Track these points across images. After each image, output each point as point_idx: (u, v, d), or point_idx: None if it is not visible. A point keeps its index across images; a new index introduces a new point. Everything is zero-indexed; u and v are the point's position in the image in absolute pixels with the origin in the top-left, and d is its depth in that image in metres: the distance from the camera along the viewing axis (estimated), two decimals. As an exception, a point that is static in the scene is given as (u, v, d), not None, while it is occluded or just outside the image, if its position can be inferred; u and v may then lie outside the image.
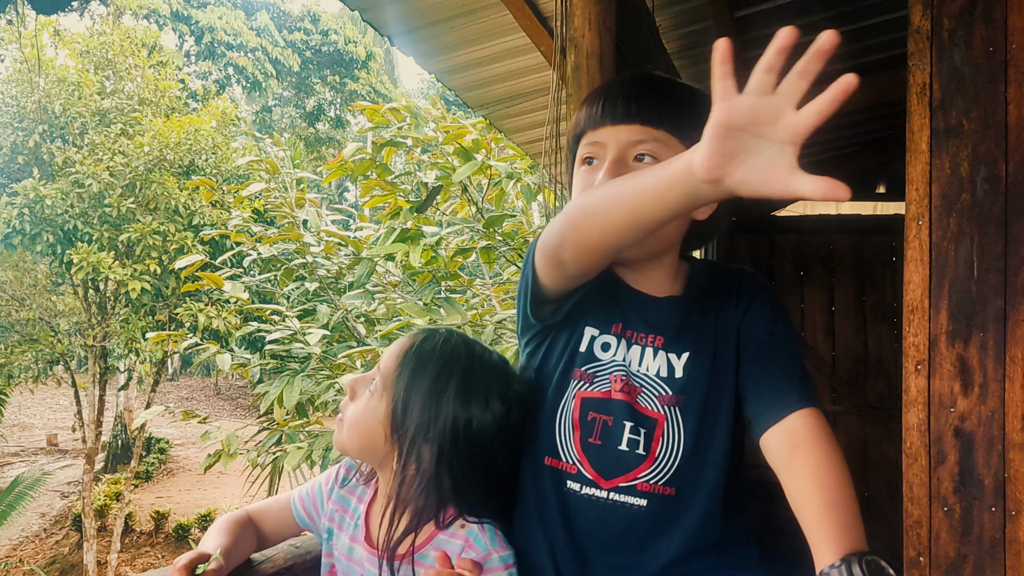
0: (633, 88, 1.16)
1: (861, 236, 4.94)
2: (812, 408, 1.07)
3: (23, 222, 9.53)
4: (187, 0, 21.47)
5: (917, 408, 1.46)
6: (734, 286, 1.21)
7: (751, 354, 1.16)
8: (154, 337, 4.95)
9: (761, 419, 1.10)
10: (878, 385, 4.77)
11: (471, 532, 1.18)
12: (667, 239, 1.17)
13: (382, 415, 1.18)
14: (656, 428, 1.15)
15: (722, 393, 1.17)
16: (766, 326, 1.17)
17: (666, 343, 1.19)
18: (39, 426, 20.30)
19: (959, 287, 1.44)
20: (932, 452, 1.45)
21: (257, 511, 1.39)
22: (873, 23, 3.08)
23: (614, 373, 1.18)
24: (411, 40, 3.14)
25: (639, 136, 1.12)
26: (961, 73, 1.46)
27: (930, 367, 1.46)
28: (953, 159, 1.45)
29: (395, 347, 1.23)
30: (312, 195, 5.07)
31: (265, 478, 5.94)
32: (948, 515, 1.44)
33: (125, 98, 11.03)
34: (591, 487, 1.16)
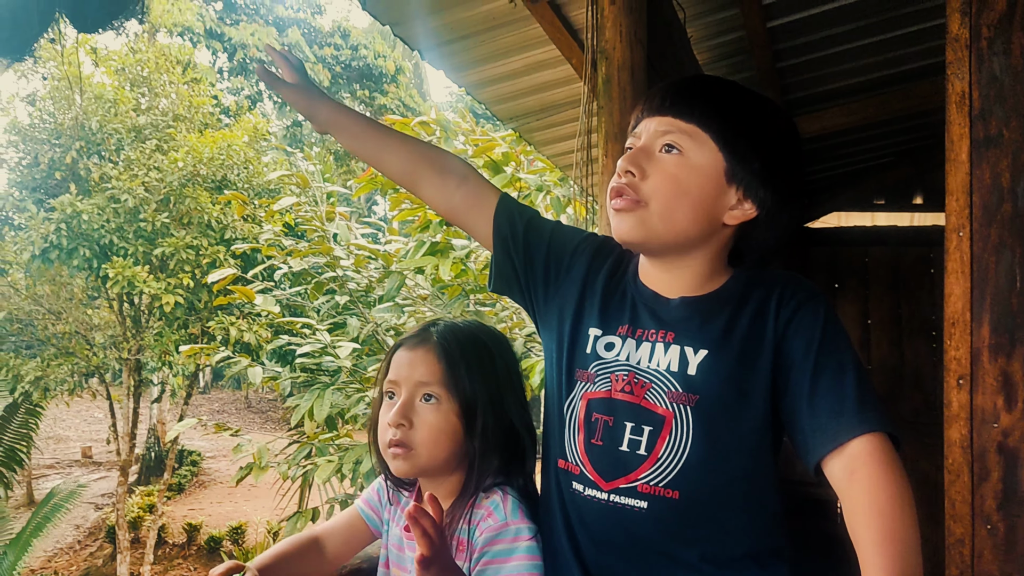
0: (675, 84, 1.18)
1: (897, 248, 4.88)
2: (874, 433, 1.01)
3: (60, 237, 9.69)
4: (220, 18, 21.82)
5: (959, 424, 1.43)
6: (775, 291, 1.15)
7: (798, 368, 1.09)
8: (187, 350, 5.00)
9: (815, 444, 1.05)
10: (915, 400, 4.70)
11: (493, 502, 1.21)
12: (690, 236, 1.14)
13: (455, 417, 1.24)
14: (663, 427, 1.11)
15: (745, 399, 1.10)
16: (813, 337, 1.09)
17: (678, 337, 1.15)
18: (74, 438, 20.59)
19: (1001, 300, 1.41)
20: (975, 469, 1.42)
21: (322, 529, 1.44)
22: (909, 32, 3.04)
23: (615, 372, 1.17)
24: (441, 54, 3.16)
25: (667, 127, 1.13)
26: (1000, 82, 1.43)
27: (972, 381, 1.43)
28: (993, 169, 1.43)
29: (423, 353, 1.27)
30: (342, 209, 5.11)
31: (295, 491, 5.96)
32: (991, 533, 1.40)
33: (160, 114, 11.21)
34: (593, 488, 1.14)
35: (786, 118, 1.20)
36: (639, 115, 1.19)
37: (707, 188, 1.12)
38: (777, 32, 2.99)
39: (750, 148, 1.12)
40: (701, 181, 1.12)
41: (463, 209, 1.36)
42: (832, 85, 3.60)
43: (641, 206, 1.13)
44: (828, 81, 3.56)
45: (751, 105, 1.16)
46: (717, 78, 1.21)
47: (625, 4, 2.01)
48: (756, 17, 2.77)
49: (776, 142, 1.15)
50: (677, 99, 1.14)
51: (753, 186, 1.13)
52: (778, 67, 3.29)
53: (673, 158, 1.13)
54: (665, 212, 1.12)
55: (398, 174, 1.39)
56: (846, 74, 3.47)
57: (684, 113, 1.13)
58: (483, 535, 1.18)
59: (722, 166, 1.12)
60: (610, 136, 2.00)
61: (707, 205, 1.13)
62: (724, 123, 1.12)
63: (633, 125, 1.21)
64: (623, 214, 1.14)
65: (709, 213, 1.13)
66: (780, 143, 1.16)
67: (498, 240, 1.32)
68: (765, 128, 1.15)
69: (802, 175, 1.20)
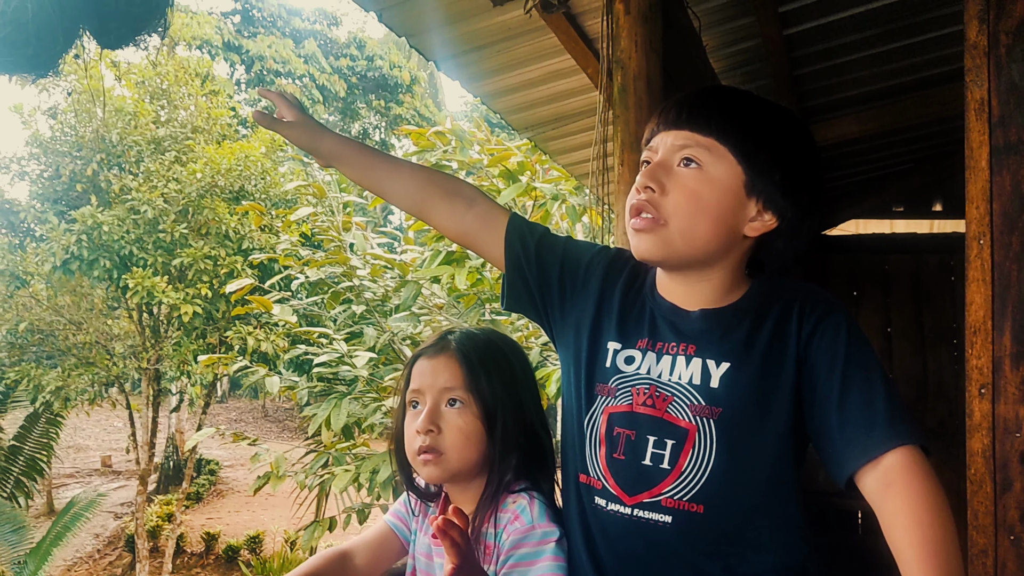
0: (691, 97, 1.17)
1: (917, 255, 4.84)
2: (907, 446, 1.01)
3: (81, 248, 9.78)
4: (238, 30, 22.03)
5: (981, 433, 1.42)
6: (795, 304, 1.14)
7: (824, 382, 1.08)
8: (205, 360, 5.03)
9: (847, 458, 1.04)
10: (938, 409, 4.65)
11: (520, 506, 1.23)
12: (710, 251, 1.13)
13: (478, 420, 1.27)
14: (686, 440, 1.10)
15: (768, 411, 1.10)
16: (838, 350, 1.08)
17: (699, 350, 1.14)
18: (94, 447, 20.73)
19: (1023, 308, 1.39)
20: (997, 479, 1.40)
21: (352, 544, 1.45)
22: (927, 38, 3.02)
23: (636, 386, 1.16)
24: (457, 64, 3.17)
25: (684, 141, 1.12)
26: (1020, 88, 1.42)
27: (994, 391, 1.41)
28: (1014, 176, 1.42)
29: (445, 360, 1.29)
30: (358, 218, 5.13)
31: (312, 500, 5.97)
32: (1015, 544, 1.39)
33: (179, 126, 11.31)
34: (616, 503, 1.13)
35: (804, 128, 1.19)
36: (654, 128, 1.18)
37: (727, 202, 1.11)
38: (793, 40, 2.98)
39: (770, 160, 1.11)
40: (720, 195, 1.11)
41: (474, 231, 1.35)
42: (849, 92, 3.59)
43: (661, 225, 1.12)
44: (845, 88, 3.54)
45: (769, 116, 1.16)
46: (733, 88, 1.21)
47: (640, 13, 2.01)
48: (772, 25, 2.76)
49: (796, 153, 1.15)
50: (694, 112, 1.13)
51: (774, 198, 1.12)
52: (794, 75, 3.28)
53: (692, 172, 1.12)
54: (686, 229, 1.11)
55: (406, 203, 1.38)
56: (863, 81, 3.45)
57: (702, 126, 1.12)
58: (510, 538, 1.20)
59: (741, 179, 1.11)
60: (626, 145, 2.00)
61: (727, 219, 1.12)
62: (743, 135, 1.11)
63: (648, 138, 1.20)
64: (643, 234, 1.14)
65: (729, 226, 1.13)
66: (800, 154, 1.15)
67: (510, 259, 1.32)
68: (784, 139, 1.14)
69: (821, 185, 1.19)
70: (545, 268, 1.31)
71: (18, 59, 1.38)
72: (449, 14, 2.77)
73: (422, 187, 1.36)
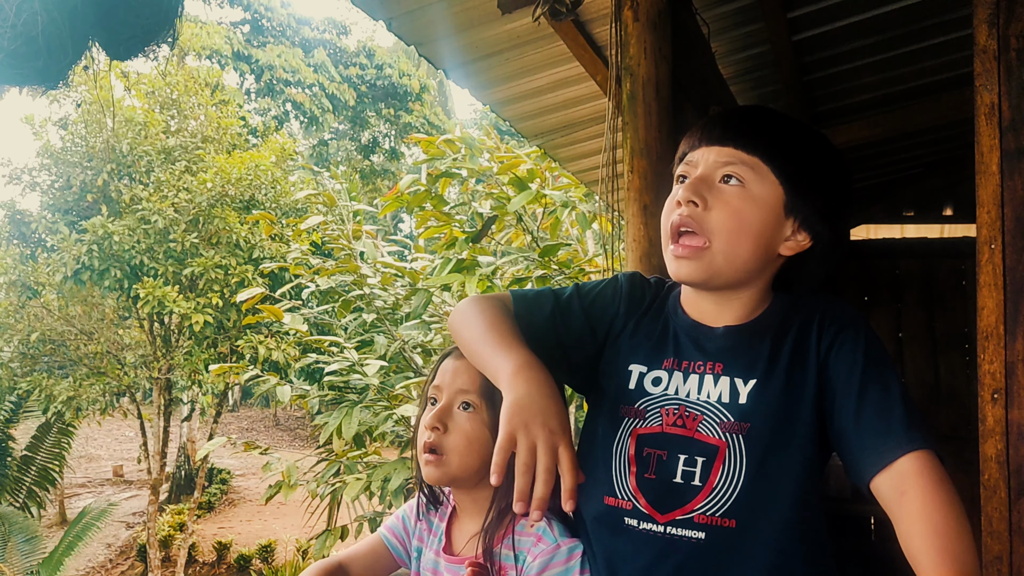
0: (736, 114, 1.19)
1: (928, 260, 4.82)
2: (921, 451, 1.01)
3: (92, 258, 9.83)
4: (248, 40, 22.13)
5: (995, 438, 1.41)
6: (815, 317, 1.16)
7: (842, 391, 1.09)
8: (216, 369, 5.04)
9: (864, 464, 1.05)
10: (951, 414, 4.62)
11: (539, 528, 1.23)
12: (749, 270, 1.15)
13: (488, 428, 1.26)
14: (716, 457, 1.11)
15: (795, 424, 1.11)
16: (856, 360, 1.10)
17: (727, 368, 1.16)
18: (105, 457, 20.80)
19: (1036, 312, 1.39)
20: (1012, 484, 1.40)
21: (346, 556, 1.46)
22: (937, 43, 3.02)
23: (665, 407, 1.17)
24: (466, 72, 3.18)
25: (728, 158, 1.13)
26: (1032, 92, 1.42)
27: (1007, 396, 1.40)
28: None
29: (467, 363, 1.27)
30: (368, 227, 5.14)
31: (324, 509, 5.98)
32: (1031, 551, 1.38)
33: (189, 136, 11.37)
34: (648, 522, 1.13)
35: (842, 156, 1.21)
36: (694, 143, 1.18)
37: (767, 220, 1.12)
38: (803, 45, 2.98)
39: (812, 184, 1.13)
40: (762, 214, 1.12)
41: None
42: (859, 97, 3.58)
43: (704, 249, 1.12)
44: (855, 93, 3.54)
45: (811, 141, 1.17)
46: (774, 110, 1.21)
47: (649, 20, 2.02)
48: (781, 31, 2.76)
49: (834, 179, 1.17)
50: (740, 130, 1.14)
51: (811, 220, 1.14)
52: (804, 80, 3.28)
53: (734, 189, 1.12)
54: (729, 250, 1.12)
55: None
56: (873, 86, 3.45)
57: (748, 145, 1.13)
58: (536, 560, 1.21)
59: (782, 198, 1.13)
60: (635, 152, 2.00)
61: (766, 238, 1.13)
62: (787, 157, 1.13)
63: (685, 152, 1.20)
64: (684, 260, 1.14)
65: (767, 245, 1.14)
66: (838, 180, 1.18)
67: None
68: (826, 164, 1.16)
69: (852, 211, 1.23)
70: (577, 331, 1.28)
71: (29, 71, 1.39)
72: (458, 22, 2.78)
73: None
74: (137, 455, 14.99)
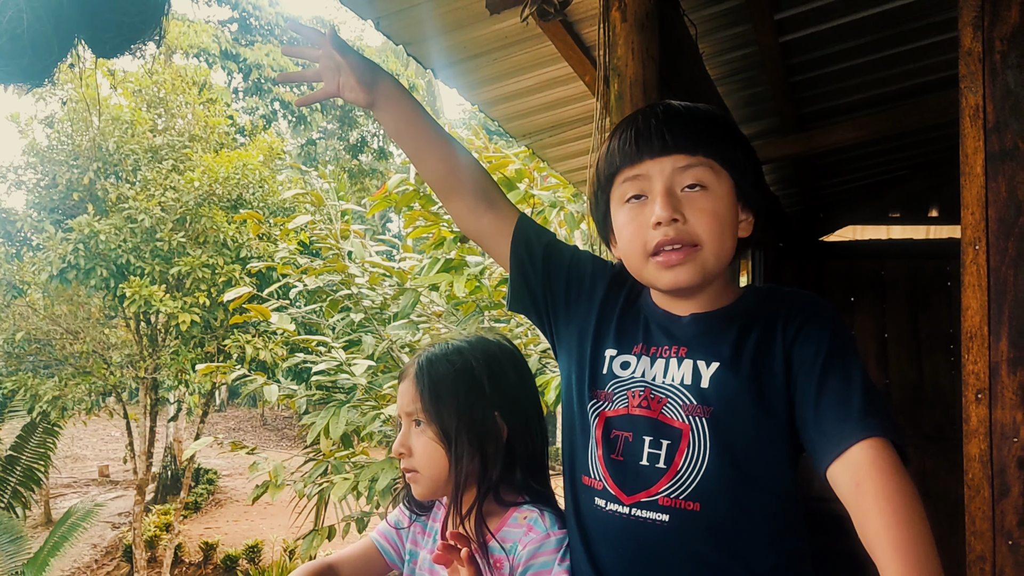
0: (662, 119, 1.18)
1: (914, 261, 4.85)
2: (876, 438, 1.01)
3: (78, 257, 9.78)
4: (235, 39, 22.05)
5: (978, 438, 1.42)
6: (783, 306, 1.17)
7: (804, 379, 1.10)
8: (203, 369, 5.02)
9: (821, 451, 1.06)
10: (936, 415, 4.65)
11: (531, 518, 1.27)
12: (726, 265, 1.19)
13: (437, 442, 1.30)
14: (681, 440, 1.13)
15: (759, 411, 1.12)
16: (820, 350, 1.11)
17: (691, 352, 1.18)
18: (91, 457, 20.67)
19: (1019, 313, 1.40)
20: (995, 484, 1.41)
21: (337, 558, 1.48)
22: (922, 45, 3.04)
23: (632, 389, 1.19)
24: (454, 72, 3.18)
25: (684, 163, 1.15)
26: (1015, 95, 1.43)
27: (991, 396, 1.41)
28: (1009, 182, 1.42)
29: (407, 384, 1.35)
30: (356, 226, 5.12)
31: (311, 509, 5.96)
32: (1012, 550, 1.39)
33: (176, 135, 11.32)
34: (615, 503, 1.16)
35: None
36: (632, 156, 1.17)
37: (732, 213, 1.17)
38: (790, 47, 2.99)
39: (744, 162, 1.18)
40: (728, 209, 1.16)
41: (487, 234, 1.39)
42: (845, 99, 3.60)
43: (696, 250, 1.14)
44: (841, 95, 3.56)
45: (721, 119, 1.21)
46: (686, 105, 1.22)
47: (637, 21, 2.02)
48: (768, 32, 2.77)
49: (746, 145, 1.21)
50: (678, 135, 1.15)
51: (751, 195, 1.19)
52: (791, 81, 3.29)
53: (702, 195, 1.14)
54: (718, 250, 1.15)
55: (435, 176, 1.38)
56: (859, 88, 3.47)
57: (694, 148, 1.15)
58: (526, 548, 1.24)
59: (733, 188, 1.17)
60: (623, 152, 2.00)
61: (734, 228, 1.18)
62: (723, 146, 1.17)
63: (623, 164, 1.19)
64: (678, 267, 1.14)
65: (735, 235, 1.19)
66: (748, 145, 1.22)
67: (515, 263, 1.35)
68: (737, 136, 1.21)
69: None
70: (551, 274, 1.34)
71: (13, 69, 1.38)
72: (446, 22, 2.78)
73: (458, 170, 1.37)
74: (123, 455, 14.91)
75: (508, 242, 1.36)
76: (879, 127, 3.52)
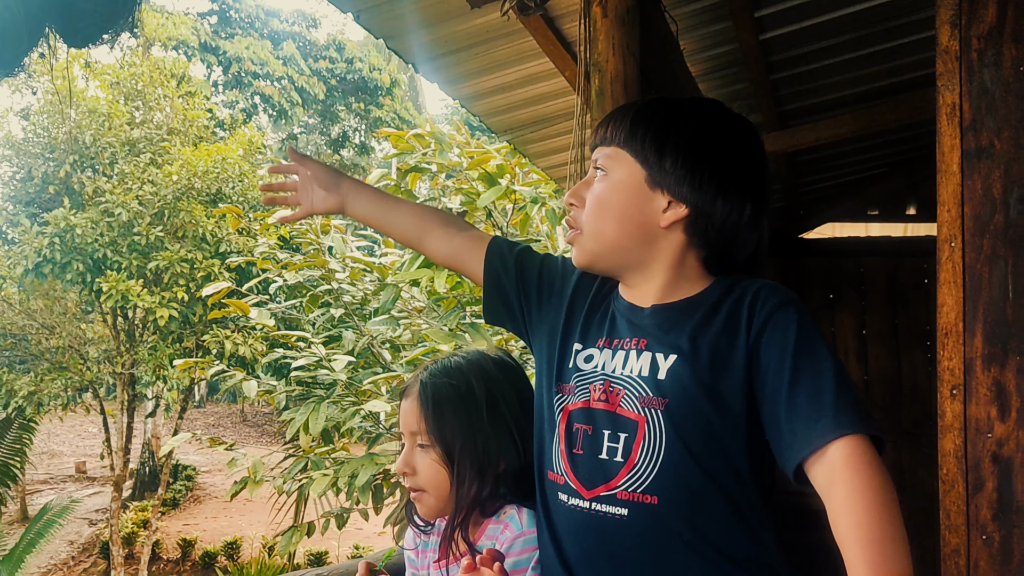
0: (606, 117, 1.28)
1: (892, 258, 4.89)
2: (850, 435, 1.00)
3: (54, 251, 9.67)
4: (215, 31, 21.88)
5: (953, 434, 1.43)
6: (747, 297, 1.15)
7: (774, 376, 1.08)
8: (181, 364, 4.98)
9: (794, 448, 1.04)
10: (913, 411, 4.70)
11: (509, 515, 1.30)
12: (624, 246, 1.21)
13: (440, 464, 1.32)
14: (637, 432, 1.12)
15: (717, 403, 1.10)
16: (788, 344, 1.08)
17: (650, 344, 1.17)
18: (68, 453, 20.49)
19: (994, 310, 1.41)
20: (969, 479, 1.42)
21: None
22: (901, 43, 3.06)
23: (593, 382, 1.20)
24: (435, 67, 3.17)
25: (598, 155, 1.26)
26: (991, 93, 1.44)
27: (966, 392, 1.43)
28: (985, 180, 1.43)
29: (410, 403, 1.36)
30: (337, 221, 5.10)
31: (291, 505, 5.94)
32: (987, 543, 1.40)
33: (154, 128, 11.22)
34: (576, 498, 1.16)
35: (712, 115, 1.24)
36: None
37: (629, 198, 1.20)
38: (770, 44, 3.00)
39: (656, 150, 1.18)
40: (621, 193, 1.20)
41: (462, 253, 1.45)
42: (825, 97, 3.62)
43: (579, 234, 1.24)
44: (821, 93, 3.57)
45: (667, 112, 1.22)
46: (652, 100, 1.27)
47: (618, 17, 2.02)
48: (749, 30, 2.78)
49: (693, 139, 1.19)
50: (604, 129, 1.25)
51: (678, 189, 1.17)
52: (772, 79, 3.30)
53: (599, 179, 1.23)
54: (594, 231, 1.22)
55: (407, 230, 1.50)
56: (839, 86, 3.49)
57: (608, 139, 1.24)
58: (503, 546, 1.26)
59: (642, 175, 1.19)
60: (603, 148, 2.00)
61: (631, 214, 1.20)
62: (632, 134, 1.20)
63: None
64: (571, 247, 1.27)
65: (636, 221, 1.20)
66: (698, 140, 1.19)
67: (489, 273, 1.40)
68: (678, 129, 1.20)
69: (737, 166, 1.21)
70: (524, 276, 1.38)
71: (-19, 59, 1.36)
72: (427, 16, 2.76)
73: (421, 216, 1.49)
74: (100, 451, 14.77)
75: (482, 257, 1.41)
76: (858, 125, 3.54)
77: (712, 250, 1.21)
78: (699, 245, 1.20)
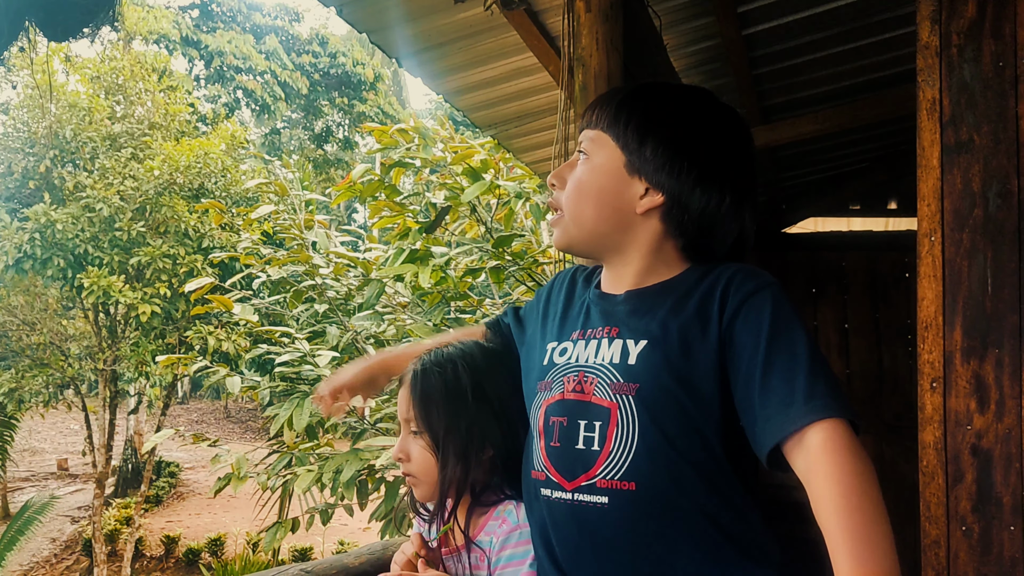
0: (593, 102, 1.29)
1: (873, 253, 4.92)
2: (826, 419, 0.98)
3: (34, 247, 9.59)
4: (197, 25, 21.71)
5: (933, 426, 1.45)
6: (721, 281, 1.14)
7: (749, 360, 1.07)
8: (164, 360, 4.96)
9: (765, 433, 1.03)
10: (894, 403, 4.73)
11: (508, 510, 1.30)
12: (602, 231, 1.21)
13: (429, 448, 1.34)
14: (610, 419, 1.12)
15: (689, 388, 1.09)
16: (762, 329, 1.07)
17: (621, 331, 1.17)
18: (49, 450, 20.33)
19: (973, 303, 1.42)
20: (949, 471, 1.43)
21: None
22: (881, 39, 3.08)
23: (568, 374, 1.20)
24: (419, 61, 3.16)
25: (582, 138, 1.26)
26: (971, 88, 1.45)
27: (945, 384, 1.44)
28: (964, 174, 1.45)
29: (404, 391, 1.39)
30: (321, 216, 5.08)
31: (275, 501, 5.92)
32: (966, 535, 1.42)
33: (135, 122, 11.13)
34: (558, 491, 1.16)
35: (699, 104, 1.23)
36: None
37: (608, 183, 1.20)
38: (753, 40, 3.01)
39: (637, 136, 1.18)
40: (600, 177, 1.21)
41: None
42: (808, 92, 3.63)
43: (559, 220, 1.25)
44: (804, 88, 3.59)
45: (653, 99, 1.23)
46: (641, 86, 1.27)
47: (601, 12, 2.02)
48: (731, 25, 2.79)
49: (676, 128, 1.18)
50: (591, 113, 1.26)
51: (655, 176, 1.17)
52: (754, 74, 3.31)
53: (581, 163, 1.24)
54: (574, 213, 1.23)
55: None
56: (821, 81, 3.50)
57: (593, 123, 1.24)
58: (499, 540, 1.27)
59: (621, 160, 1.19)
60: (587, 143, 2.01)
61: (609, 199, 1.20)
62: (614, 119, 1.20)
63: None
64: (552, 228, 1.28)
65: (613, 206, 1.20)
66: (681, 129, 1.19)
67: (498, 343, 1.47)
68: (662, 117, 1.19)
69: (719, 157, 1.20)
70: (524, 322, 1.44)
71: (-41, 52, 1.35)
72: (410, 10, 2.75)
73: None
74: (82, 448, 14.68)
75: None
76: (840, 120, 3.57)
77: (689, 239, 1.20)
78: (675, 234, 1.20)
